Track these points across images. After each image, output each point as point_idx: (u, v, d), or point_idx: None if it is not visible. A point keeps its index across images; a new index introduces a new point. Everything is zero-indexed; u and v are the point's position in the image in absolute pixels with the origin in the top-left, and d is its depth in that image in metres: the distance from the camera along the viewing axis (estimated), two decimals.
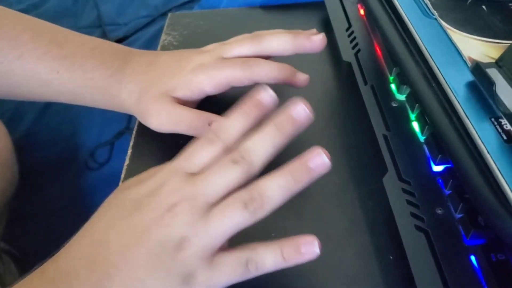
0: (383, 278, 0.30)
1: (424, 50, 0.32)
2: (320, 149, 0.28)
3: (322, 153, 0.27)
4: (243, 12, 0.57)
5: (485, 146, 0.25)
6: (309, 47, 0.37)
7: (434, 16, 0.35)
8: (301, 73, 0.38)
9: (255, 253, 0.27)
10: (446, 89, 0.29)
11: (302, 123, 0.28)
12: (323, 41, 0.38)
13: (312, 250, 0.27)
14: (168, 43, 0.52)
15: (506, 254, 0.26)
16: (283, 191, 0.27)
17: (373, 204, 0.34)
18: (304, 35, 0.38)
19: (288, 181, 0.27)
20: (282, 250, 0.27)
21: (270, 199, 0.27)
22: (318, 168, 0.27)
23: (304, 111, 0.28)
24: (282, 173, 0.27)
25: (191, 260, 0.26)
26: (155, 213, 0.27)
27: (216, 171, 0.28)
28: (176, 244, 0.26)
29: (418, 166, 0.32)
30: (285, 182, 0.27)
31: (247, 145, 0.28)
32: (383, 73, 0.39)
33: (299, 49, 0.38)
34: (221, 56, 0.38)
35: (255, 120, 0.29)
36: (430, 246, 0.28)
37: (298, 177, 0.27)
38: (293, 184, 0.27)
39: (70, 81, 0.37)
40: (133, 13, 0.96)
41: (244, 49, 0.38)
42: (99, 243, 0.27)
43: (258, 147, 0.28)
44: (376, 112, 0.36)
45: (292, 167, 0.28)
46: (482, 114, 0.27)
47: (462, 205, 0.28)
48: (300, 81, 0.38)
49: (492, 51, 0.32)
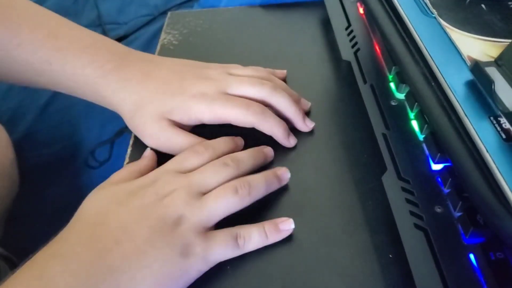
0: (382, 276, 0.30)
1: (424, 49, 0.32)
2: (284, 168, 0.36)
3: (286, 169, 0.36)
4: (243, 11, 0.57)
5: (484, 145, 0.25)
6: (298, 125, 0.40)
7: (433, 15, 0.35)
8: (293, 138, 0.39)
9: (243, 229, 0.31)
10: (445, 88, 0.29)
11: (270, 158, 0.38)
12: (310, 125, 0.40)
13: (288, 227, 0.32)
14: (168, 42, 0.52)
15: (505, 253, 0.26)
16: (266, 184, 0.33)
17: (373, 202, 0.34)
18: (302, 124, 0.40)
19: (268, 176, 0.34)
20: (264, 227, 0.31)
21: (256, 189, 0.33)
22: (284, 177, 0.36)
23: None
24: (266, 172, 0.35)
25: (188, 233, 0.29)
26: (154, 197, 0.30)
27: (209, 169, 0.33)
28: (174, 220, 0.29)
29: (417, 164, 0.32)
30: (268, 178, 0.34)
31: (236, 155, 0.34)
32: (383, 72, 0.39)
33: (296, 119, 0.40)
34: (226, 91, 0.38)
35: (239, 147, 0.37)
36: (429, 245, 0.28)
37: (279, 176, 0.35)
38: (274, 180, 0.34)
39: (61, 74, 0.37)
40: (133, 12, 0.96)
41: (251, 92, 0.38)
42: (96, 225, 0.29)
43: (246, 158, 0.34)
44: (376, 111, 0.36)
45: (275, 169, 0.36)
46: (481, 113, 0.27)
47: (461, 203, 0.28)
48: (288, 145, 0.39)
49: (492, 50, 0.32)
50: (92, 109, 0.60)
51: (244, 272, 0.31)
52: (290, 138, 0.38)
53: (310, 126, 0.40)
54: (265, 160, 0.36)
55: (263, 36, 0.52)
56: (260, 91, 0.38)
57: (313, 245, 0.32)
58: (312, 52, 0.49)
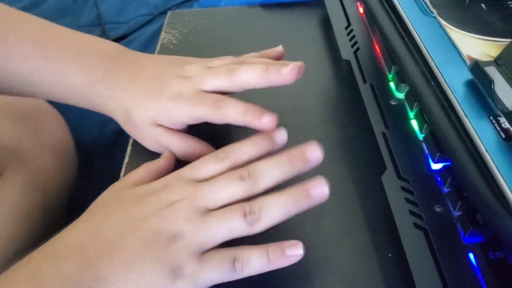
0: (382, 276, 0.30)
1: (423, 49, 0.32)
2: (323, 180, 0.29)
3: (325, 184, 0.29)
4: (243, 11, 0.57)
5: (483, 145, 0.25)
6: (278, 82, 0.35)
7: (433, 15, 0.35)
8: (267, 116, 0.33)
9: (242, 252, 0.28)
10: (445, 88, 0.29)
11: (312, 163, 0.31)
12: (293, 73, 0.35)
13: (296, 252, 0.28)
14: (167, 41, 0.52)
15: (504, 252, 0.26)
16: (281, 211, 0.29)
17: (372, 202, 0.34)
18: (274, 69, 0.35)
19: (287, 203, 0.29)
20: (268, 251, 0.28)
21: (268, 216, 0.28)
22: (317, 197, 0.29)
23: (316, 154, 0.30)
24: (283, 194, 0.29)
25: (182, 253, 0.27)
26: (155, 207, 0.28)
27: (221, 181, 0.30)
28: (170, 236, 0.27)
29: (417, 164, 0.32)
30: (284, 203, 0.29)
31: (257, 166, 0.30)
32: (382, 71, 0.39)
33: (270, 83, 0.35)
34: (201, 88, 0.35)
35: (264, 152, 0.32)
36: (429, 244, 0.28)
37: (297, 201, 0.29)
38: (291, 207, 0.29)
39: (52, 83, 0.36)
40: (133, 11, 0.96)
41: (219, 82, 0.35)
42: (93, 230, 0.28)
43: (267, 171, 0.30)
44: (375, 110, 0.36)
45: (294, 191, 0.29)
46: (481, 113, 0.27)
47: (460, 203, 0.28)
48: (264, 125, 0.34)
49: (491, 50, 0.32)
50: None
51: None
52: (264, 117, 0.33)
53: (265, 122, 0.33)
54: (296, 173, 0.31)
55: (262, 36, 0.52)
56: (226, 79, 0.35)
57: (312, 244, 0.32)
58: (312, 51, 0.49)
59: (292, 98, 0.44)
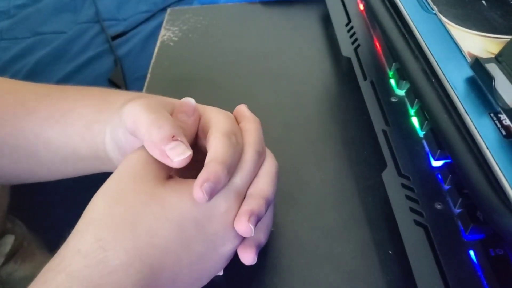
0: (382, 273, 0.30)
1: (424, 45, 0.32)
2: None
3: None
4: (243, 8, 0.57)
5: (484, 142, 0.25)
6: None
7: (433, 11, 0.35)
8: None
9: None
10: (446, 85, 0.29)
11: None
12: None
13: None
14: (167, 38, 0.52)
15: (505, 249, 0.26)
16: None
17: (373, 199, 0.34)
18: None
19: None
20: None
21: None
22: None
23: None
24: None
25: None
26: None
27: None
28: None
29: (417, 161, 0.32)
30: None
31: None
32: (383, 68, 0.39)
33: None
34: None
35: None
36: (429, 241, 0.28)
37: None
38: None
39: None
40: (132, 8, 0.96)
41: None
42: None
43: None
44: (376, 107, 0.36)
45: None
46: (481, 110, 0.27)
47: (461, 200, 0.28)
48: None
49: (492, 46, 0.32)
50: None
51: (244, 267, 0.31)
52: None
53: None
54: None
55: (263, 33, 0.52)
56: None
57: (313, 241, 0.32)
58: (312, 48, 0.49)
59: (292, 95, 0.44)
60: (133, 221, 0.25)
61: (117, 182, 0.27)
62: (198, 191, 0.25)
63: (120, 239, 0.24)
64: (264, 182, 0.29)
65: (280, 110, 0.43)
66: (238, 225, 0.27)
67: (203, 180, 0.25)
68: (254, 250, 0.28)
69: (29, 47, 0.86)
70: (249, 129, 0.31)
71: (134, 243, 0.24)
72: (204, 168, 0.26)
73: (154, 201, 0.26)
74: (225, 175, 0.26)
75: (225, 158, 0.27)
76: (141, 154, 0.28)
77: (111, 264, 0.23)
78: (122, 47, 0.85)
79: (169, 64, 0.49)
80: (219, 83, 0.46)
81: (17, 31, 0.91)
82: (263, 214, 0.28)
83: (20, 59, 0.83)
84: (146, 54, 0.79)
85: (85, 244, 0.24)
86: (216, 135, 0.28)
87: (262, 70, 0.47)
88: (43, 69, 0.81)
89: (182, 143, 0.27)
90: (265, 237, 0.29)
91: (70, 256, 0.24)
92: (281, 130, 0.41)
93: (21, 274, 0.52)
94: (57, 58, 0.83)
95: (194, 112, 0.30)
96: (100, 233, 0.24)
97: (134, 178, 0.26)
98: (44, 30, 0.91)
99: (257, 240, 0.28)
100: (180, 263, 0.26)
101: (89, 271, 0.23)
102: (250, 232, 0.26)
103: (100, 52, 0.84)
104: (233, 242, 0.28)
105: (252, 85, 0.46)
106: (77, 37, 0.88)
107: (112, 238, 0.24)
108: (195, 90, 0.45)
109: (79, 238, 0.25)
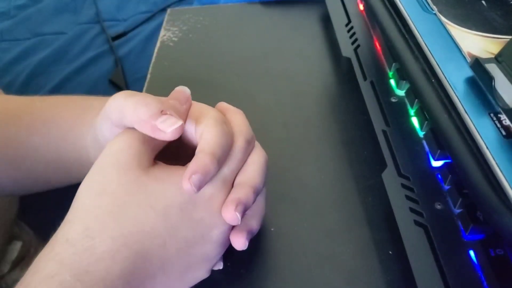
0: (382, 273, 0.30)
1: (424, 46, 0.32)
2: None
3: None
4: (243, 8, 0.57)
5: (484, 142, 0.25)
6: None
7: (433, 11, 0.35)
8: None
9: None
10: (446, 85, 0.29)
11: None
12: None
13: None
14: (167, 38, 0.52)
15: (505, 249, 0.26)
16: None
17: (373, 199, 0.34)
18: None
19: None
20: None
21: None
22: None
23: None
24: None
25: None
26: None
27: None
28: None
29: (417, 161, 0.32)
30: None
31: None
32: (383, 68, 0.39)
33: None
34: None
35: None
36: (429, 241, 0.28)
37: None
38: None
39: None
40: (132, 8, 0.96)
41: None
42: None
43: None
44: (376, 107, 0.36)
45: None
46: (481, 110, 0.27)
47: (461, 200, 0.28)
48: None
49: (492, 47, 0.32)
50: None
51: (245, 267, 0.31)
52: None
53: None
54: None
55: (263, 33, 0.52)
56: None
57: (313, 241, 0.32)
58: (312, 48, 0.49)
59: (292, 95, 0.44)
60: (118, 211, 0.25)
61: (100, 172, 0.27)
62: (187, 183, 0.25)
63: (106, 228, 0.25)
64: (252, 170, 0.29)
65: (280, 110, 0.43)
66: (225, 213, 0.27)
67: (192, 172, 0.26)
68: (244, 235, 0.28)
69: (29, 48, 0.86)
70: (236, 118, 0.31)
71: (120, 231, 0.25)
72: (194, 159, 0.26)
73: (138, 189, 0.26)
74: (215, 167, 0.27)
75: (216, 148, 0.27)
76: (123, 140, 0.28)
77: (98, 251, 0.24)
78: (123, 48, 0.85)
79: (169, 64, 0.49)
80: (219, 83, 0.46)
81: (17, 32, 0.91)
82: (251, 203, 0.28)
83: (21, 60, 0.83)
84: (147, 54, 0.79)
85: (73, 233, 0.25)
86: (209, 122, 0.28)
87: (262, 70, 0.47)
88: (43, 70, 0.81)
89: (172, 115, 0.27)
90: (257, 224, 0.30)
91: (59, 245, 0.24)
92: (281, 130, 0.41)
93: None
94: (58, 59, 0.83)
95: (187, 100, 0.30)
96: (87, 222, 0.25)
97: (117, 168, 0.26)
98: (44, 31, 0.91)
99: (248, 226, 0.29)
100: (167, 249, 0.26)
101: (77, 258, 0.24)
102: (236, 220, 0.27)
103: (101, 52, 0.84)
104: (220, 228, 0.28)
105: (252, 85, 0.46)
106: (78, 37, 0.88)
107: (98, 227, 0.25)
108: (195, 90, 0.45)
109: (68, 228, 0.25)
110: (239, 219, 0.27)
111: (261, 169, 0.30)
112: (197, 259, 0.28)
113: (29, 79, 0.79)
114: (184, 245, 0.27)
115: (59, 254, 0.24)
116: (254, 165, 0.30)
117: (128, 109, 0.27)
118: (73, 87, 0.77)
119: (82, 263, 0.24)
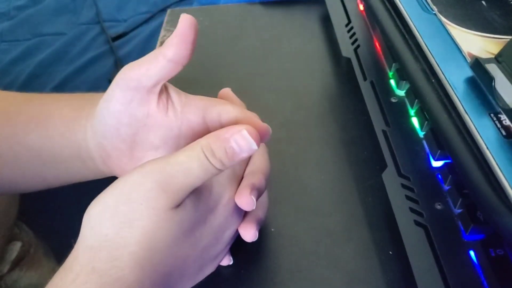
0: (382, 273, 0.30)
1: (424, 46, 0.32)
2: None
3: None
4: (243, 8, 0.57)
5: (484, 142, 0.25)
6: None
7: (433, 12, 0.35)
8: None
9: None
10: (446, 85, 0.29)
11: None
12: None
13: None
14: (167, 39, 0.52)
15: (505, 249, 0.26)
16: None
17: (373, 199, 0.34)
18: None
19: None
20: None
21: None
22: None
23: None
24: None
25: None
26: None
27: None
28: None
29: (417, 161, 0.32)
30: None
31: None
32: (383, 68, 0.39)
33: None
34: None
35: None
36: (430, 241, 0.28)
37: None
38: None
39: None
40: (132, 9, 0.96)
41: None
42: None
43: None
44: (376, 107, 0.36)
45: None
46: (482, 110, 0.27)
47: (461, 200, 0.28)
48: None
49: (492, 47, 0.32)
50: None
51: (245, 268, 0.31)
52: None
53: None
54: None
55: (263, 33, 0.52)
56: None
57: (313, 241, 0.32)
58: (312, 49, 0.49)
59: (292, 96, 0.44)
60: (148, 242, 0.24)
61: (126, 203, 0.25)
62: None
63: (135, 258, 0.24)
64: (259, 160, 0.30)
65: (280, 110, 0.43)
66: (241, 198, 0.27)
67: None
68: (255, 226, 0.29)
69: (29, 49, 0.86)
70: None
71: (150, 260, 0.24)
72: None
73: (165, 221, 0.25)
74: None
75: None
76: (155, 181, 0.25)
77: (129, 281, 0.23)
78: (123, 48, 0.85)
79: None
80: (219, 83, 0.46)
81: (17, 33, 0.91)
82: (263, 188, 0.29)
83: (21, 61, 0.83)
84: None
85: (99, 262, 0.24)
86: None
87: (262, 70, 0.47)
88: (43, 71, 0.81)
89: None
90: (263, 215, 0.30)
91: (85, 274, 0.24)
92: (281, 130, 0.41)
93: (26, 282, 0.52)
94: (58, 60, 0.83)
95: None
96: (115, 253, 0.24)
97: (147, 204, 0.25)
98: (44, 31, 0.91)
99: (257, 216, 0.29)
100: (187, 262, 0.26)
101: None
102: (252, 204, 0.27)
103: (101, 53, 0.84)
104: (232, 228, 0.29)
105: (252, 85, 0.46)
106: (78, 38, 0.88)
107: (127, 258, 0.24)
108: (195, 90, 0.45)
109: (93, 257, 0.24)
110: (254, 203, 0.27)
111: (266, 157, 0.31)
112: (210, 260, 0.28)
113: (29, 80, 0.79)
114: (201, 252, 0.27)
115: (86, 284, 0.23)
116: (260, 156, 0.31)
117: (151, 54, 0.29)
118: (73, 87, 0.77)
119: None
